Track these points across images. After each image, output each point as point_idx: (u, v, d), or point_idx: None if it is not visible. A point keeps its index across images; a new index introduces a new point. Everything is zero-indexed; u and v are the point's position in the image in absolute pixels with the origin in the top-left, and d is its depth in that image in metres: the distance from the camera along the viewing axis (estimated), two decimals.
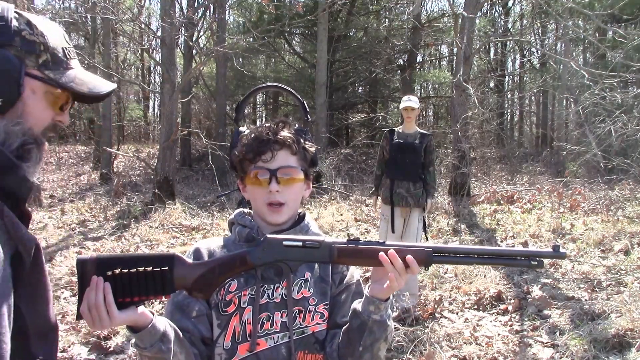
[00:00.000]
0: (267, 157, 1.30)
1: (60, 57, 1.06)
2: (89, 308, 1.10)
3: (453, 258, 1.22)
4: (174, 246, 6.77)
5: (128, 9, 11.58)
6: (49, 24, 1.08)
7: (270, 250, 1.20)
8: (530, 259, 1.20)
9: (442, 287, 5.08)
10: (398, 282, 1.18)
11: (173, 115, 9.98)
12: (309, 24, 14.28)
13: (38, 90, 1.03)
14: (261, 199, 1.32)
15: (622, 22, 11.94)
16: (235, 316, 1.29)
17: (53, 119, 1.08)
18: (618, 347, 3.54)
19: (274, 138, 1.31)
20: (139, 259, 1.13)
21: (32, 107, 1.03)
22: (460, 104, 10.35)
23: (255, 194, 1.33)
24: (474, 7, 10.34)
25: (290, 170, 1.31)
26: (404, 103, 4.68)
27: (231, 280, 1.29)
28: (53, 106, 1.07)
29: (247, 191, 1.37)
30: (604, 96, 6.71)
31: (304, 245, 1.20)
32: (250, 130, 1.37)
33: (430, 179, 4.62)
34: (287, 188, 1.31)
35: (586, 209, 8.40)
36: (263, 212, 1.33)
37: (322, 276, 1.37)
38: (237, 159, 1.36)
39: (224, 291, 1.30)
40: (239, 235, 1.35)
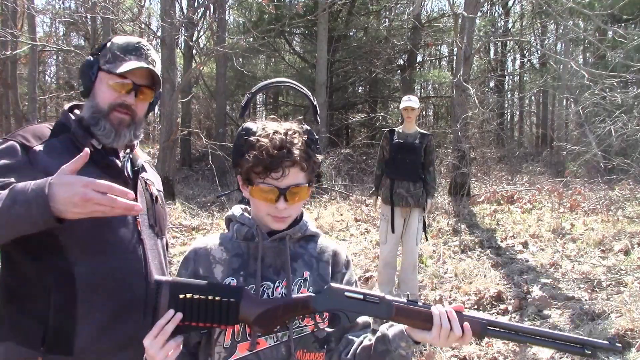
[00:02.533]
0: (278, 175, 1.24)
1: (118, 54, 1.50)
2: (157, 334, 1.18)
3: (506, 334, 1.24)
4: (174, 246, 6.77)
5: (128, 9, 11.58)
6: (127, 38, 1.56)
7: (331, 299, 1.24)
8: (584, 347, 1.20)
9: (442, 287, 5.08)
10: (441, 342, 1.21)
11: (173, 115, 9.98)
12: (309, 24, 14.28)
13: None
14: (265, 210, 1.30)
15: (622, 22, 11.94)
16: None
17: (120, 97, 1.50)
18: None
19: (287, 155, 1.24)
20: (210, 288, 1.22)
21: (98, 90, 1.52)
22: (460, 104, 10.34)
23: (259, 204, 1.30)
24: (474, 7, 10.34)
25: (299, 189, 1.28)
26: (404, 103, 4.68)
27: (230, 279, 1.29)
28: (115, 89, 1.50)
29: (249, 195, 1.34)
30: (604, 96, 6.71)
31: (365, 298, 1.23)
32: (261, 135, 1.28)
33: (430, 179, 4.62)
34: (294, 205, 1.29)
35: (586, 209, 8.39)
36: (265, 220, 1.31)
37: (322, 275, 1.37)
38: (244, 166, 1.28)
39: None
40: (237, 232, 1.34)
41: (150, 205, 1.62)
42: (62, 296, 1.40)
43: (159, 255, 1.63)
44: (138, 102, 1.53)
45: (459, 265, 5.67)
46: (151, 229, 1.60)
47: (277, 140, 1.25)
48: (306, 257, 1.37)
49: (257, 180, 1.27)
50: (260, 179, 1.26)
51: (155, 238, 1.61)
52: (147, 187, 1.64)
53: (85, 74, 1.52)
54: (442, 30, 16.96)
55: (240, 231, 1.34)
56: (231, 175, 11.92)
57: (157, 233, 1.63)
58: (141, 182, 1.61)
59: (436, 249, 6.46)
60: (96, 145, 1.49)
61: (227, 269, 1.31)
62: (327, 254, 1.40)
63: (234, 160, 1.33)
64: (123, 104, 1.51)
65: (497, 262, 5.90)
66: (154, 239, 1.61)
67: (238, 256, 1.33)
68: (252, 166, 1.26)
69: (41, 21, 20.27)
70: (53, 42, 15.56)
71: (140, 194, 1.58)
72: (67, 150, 1.45)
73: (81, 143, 1.46)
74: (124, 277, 1.47)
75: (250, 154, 1.25)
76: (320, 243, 1.42)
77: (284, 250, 1.32)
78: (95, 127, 1.49)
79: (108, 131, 1.49)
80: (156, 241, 1.62)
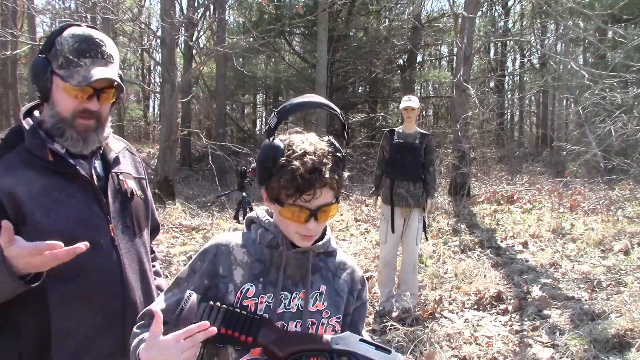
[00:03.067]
0: (309, 197, 1.22)
1: (71, 58, 1.39)
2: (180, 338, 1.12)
3: None
4: (174, 246, 6.77)
5: (128, 9, 11.58)
6: (77, 32, 1.43)
7: (347, 342, 1.27)
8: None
9: (442, 287, 5.07)
10: None
11: (173, 115, 9.98)
12: (309, 24, 14.28)
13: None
14: (294, 229, 1.27)
15: (622, 22, 11.95)
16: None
17: (81, 104, 1.41)
18: (618, 347, 3.54)
19: (319, 177, 1.22)
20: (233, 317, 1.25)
21: (57, 97, 1.42)
22: (460, 104, 10.34)
23: (288, 223, 1.27)
24: (474, 7, 10.34)
25: (329, 208, 1.26)
26: (404, 103, 4.68)
27: (249, 286, 1.27)
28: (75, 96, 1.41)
29: (277, 214, 1.29)
30: (604, 96, 6.71)
31: (377, 347, 1.28)
32: (291, 156, 1.23)
33: (430, 179, 4.62)
34: (322, 223, 1.28)
35: (586, 209, 8.39)
36: (292, 238, 1.29)
37: (337, 290, 1.37)
38: (273, 187, 1.24)
39: (240, 295, 1.27)
40: (261, 237, 1.31)
41: (125, 205, 1.53)
42: (37, 316, 1.36)
43: (138, 257, 1.56)
44: (101, 104, 1.45)
45: (459, 265, 5.67)
46: (127, 230, 1.52)
47: (309, 163, 1.21)
48: (324, 271, 1.37)
49: (288, 201, 1.24)
50: (291, 201, 1.23)
51: (132, 239, 1.54)
52: (121, 184, 1.54)
53: (39, 78, 1.41)
54: (442, 30, 16.97)
55: (264, 237, 1.31)
56: (231, 175, 11.91)
57: (135, 232, 1.55)
58: (113, 180, 1.52)
59: (436, 249, 6.46)
60: (59, 150, 1.42)
61: (247, 273, 1.29)
62: (345, 271, 1.41)
63: (261, 178, 1.28)
64: (87, 110, 1.42)
65: (497, 262, 5.90)
66: (131, 240, 1.53)
67: (260, 262, 1.30)
68: (283, 188, 1.22)
69: (41, 21, 20.26)
70: None
71: (112, 194, 1.50)
72: (25, 163, 1.38)
73: (37, 156, 1.39)
74: (100, 290, 1.42)
75: (282, 177, 1.22)
76: (339, 258, 1.42)
77: (306, 263, 1.32)
78: (61, 138, 1.42)
79: (75, 140, 1.42)
80: (134, 242, 1.54)
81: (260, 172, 1.28)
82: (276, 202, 1.26)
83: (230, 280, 1.27)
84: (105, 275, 1.44)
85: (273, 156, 1.25)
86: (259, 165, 1.29)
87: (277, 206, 1.27)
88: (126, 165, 1.61)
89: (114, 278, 1.45)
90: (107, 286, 1.44)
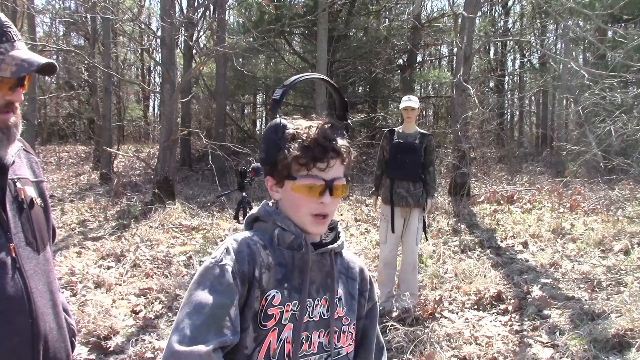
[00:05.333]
0: (323, 166, 1.17)
1: None
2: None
3: None
4: (174, 246, 6.77)
5: (128, 9, 11.59)
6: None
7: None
8: None
9: (442, 287, 5.07)
10: None
11: (173, 115, 9.98)
12: (309, 24, 14.27)
13: None
14: (307, 209, 1.19)
15: (622, 22, 11.94)
16: (273, 332, 1.16)
17: (3, 98, 1.20)
18: (618, 347, 3.54)
19: (332, 145, 1.18)
20: None
21: None
22: (460, 104, 10.35)
23: (301, 202, 1.19)
24: (474, 7, 10.34)
25: (341, 182, 1.21)
26: (404, 103, 4.68)
27: (275, 292, 1.16)
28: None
29: (286, 196, 1.22)
30: (604, 96, 6.71)
31: None
32: (302, 129, 1.20)
33: (430, 179, 4.62)
34: (335, 200, 1.22)
35: (586, 209, 8.39)
36: (304, 222, 1.21)
37: (352, 293, 1.30)
38: (284, 160, 1.18)
39: (265, 302, 1.15)
40: (279, 238, 1.20)
41: (26, 218, 1.29)
42: None
43: (46, 277, 1.32)
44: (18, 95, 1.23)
45: (459, 265, 5.66)
46: (30, 247, 1.28)
47: (321, 130, 1.20)
48: (338, 273, 1.29)
49: (301, 173, 1.17)
50: (304, 172, 1.17)
51: (36, 257, 1.29)
52: (19, 192, 1.28)
53: None
54: (442, 30, 16.96)
55: (283, 238, 1.20)
56: (231, 175, 11.91)
57: (38, 248, 1.31)
58: (10, 189, 1.26)
59: (436, 249, 6.46)
60: None
61: (272, 278, 1.17)
62: (355, 270, 1.34)
63: (267, 158, 1.21)
64: (10, 103, 1.22)
65: (497, 262, 5.90)
66: (35, 258, 1.29)
67: (282, 266, 1.18)
68: (297, 157, 1.17)
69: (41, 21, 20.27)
70: (53, 42, 15.56)
71: (11, 206, 1.25)
72: None
73: None
74: (5, 319, 1.19)
75: (295, 144, 1.17)
76: (346, 257, 1.34)
77: (326, 265, 1.24)
78: None
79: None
80: (38, 260, 1.30)
81: (267, 148, 1.21)
82: (287, 178, 1.19)
83: (259, 285, 1.15)
84: (11, 302, 1.20)
85: (283, 127, 1.20)
86: (265, 141, 1.22)
87: (287, 183, 1.19)
88: (22, 168, 1.35)
89: (19, 305, 1.21)
90: (11, 317, 1.20)
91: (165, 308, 4.59)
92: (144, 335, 4.03)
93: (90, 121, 19.95)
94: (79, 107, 22.46)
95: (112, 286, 5.06)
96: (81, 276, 5.39)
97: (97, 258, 6.14)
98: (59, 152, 18.09)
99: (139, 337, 3.97)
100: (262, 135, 1.24)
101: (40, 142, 19.66)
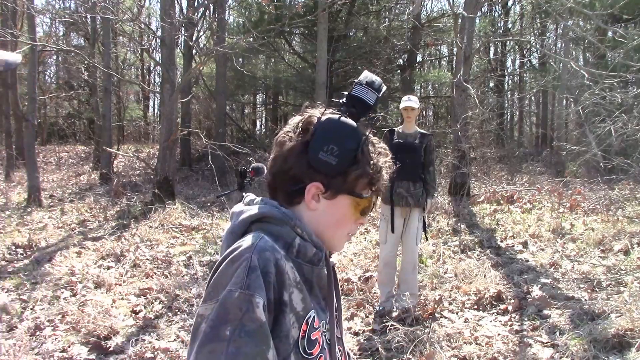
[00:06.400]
0: (378, 187, 1.09)
1: None
2: None
3: None
4: (174, 246, 6.77)
5: (128, 9, 11.58)
6: None
7: None
8: None
9: (442, 287, 5.07)
10: None
11: (173, 115, 9.98)
12: (309, 24, 14.27)
13: None
14: (347, 228, 1.09)
15: (622, 22, 11.94)
16: (320, 359, 1.02)
17: None
18: (618, 347, 3.54)
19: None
20: None
21: None
22: (460, 104, 10.35)
23: (346, 220, 1.07)
24: (474, 7, 10.34)
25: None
26: (404, 103, 4.68)
27: (313, 313, 1.01)
28: None
29: (331, 210, 1.05)
30: (604, 96, 6.70)
31: None
32: (378, 148, 1.09)
33: (430, 179, 4.62)
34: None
35: (586, 209, 8.39)
36: (339, 240, 1.11)
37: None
38: (362, 176, 1.04)
39: (307, 326, 0.99)
40: (301, 252, 1.01)
41: None
42: None
43: None
44: None
45: (459, 265, 5.66)
46: None
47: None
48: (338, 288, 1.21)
49: (365, 192, 1.06)
50: (367, 192, 1.07)
51: None
52: None
53: None
54: (442, 30, 16.97)
55: (305, 250, 1.02)
56: (231, 175, 11.91)
57: None
58: None
59: (436, 249, 6.46)
60: None
61: (304, 296, 1.00)
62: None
63: (339, 166, 1.01)
64: None
65: (497, 262, 5.90)
66: None
67: (307, 283, 1.02)
68: (370, 176, 1.05)
69: (41, 21, 20.30)
70: (53, 42, 15.57)
71: None
72: None
73: None
74: None
75: (372, 164, 1.05)
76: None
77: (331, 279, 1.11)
78: None
79: None
80: None
81: (342, 155, 1.01)
82: (347, 193, 1.05)
83: (291, 309, 0.96)
84: None
85: (362, 137, 1.03)
86: (341, 147, 1.01)
87: (343, 198, 1.05)
88: None
89: None
90: None
91: (165, 308, 4.59)
92: (144, 335, 4.03)
93: (90, 121, 19.95)
94: (79, 107, 22.48)
95: (112, 286, 5.07)
96: (81, 276, 5.39)
97: (97, 258, 6.14)
98: (59, 152, 18.10)
99: (139, 337, 3.97)
100: (330, 136, 1.01)
101: (40, 142, 19.67)
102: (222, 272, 0.94)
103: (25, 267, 5.81)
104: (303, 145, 1.02)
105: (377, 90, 1.08)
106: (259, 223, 1.04)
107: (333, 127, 1.02)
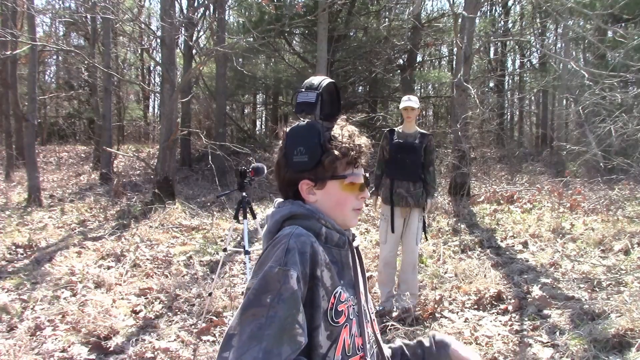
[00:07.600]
0: (359, 164, 1.28)
1: None
2: None
3: None
4: (174, 246, 6.77)
5: (128, 9, 11.58)
6: None
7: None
8: None
9: (442, 287, 5.07)
10: None
11: (173, 115, 9.98)
12: (309, 24, 14.27)
13: None
14: (350, 204, 1.28)
15: (622, 22, 11.94)
16: (345, 328, 1.21)
17: None
18: (618, 347, 3.54)
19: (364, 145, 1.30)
20: None
21: None
22: (460, 104, 10.34)
23: (346, 199, 1.27)
24: (474, 7, 10.33)
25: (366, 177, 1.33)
26: (404, 103, 4.68)
27: (340, 289, 1.21)
28: None
29: (328, 196, 1.26)
30: (604, 96, 6.71)
31: None
32: (338, 131, 1.27)
33: (430, 179, 4.61)
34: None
35: (586, 209, 8.39)
36: (349, 217, 1.29)
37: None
38: (334, 161, 1.23)
39: (334, 300, 1.19)
40: (329, 238, 1.24)
41: None
42: None
43: None
44: None
45: (459, 265, 5.67)
46: None
47: (354, 130, 1.30)
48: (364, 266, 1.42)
49: (348, 171, 1.26)
50: (350, 170, 1.26)
51: None
52: None
53: None
54: (442, 30, 16.96)
55: (331, 236, 1.24)
56: (231, 175, 11.91)
57: None
58: None
59: (436, 248, 6.46)
60: None
61: (333, 275, 1.21)
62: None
63: (311, 161, 1.23)
64: None
65: (497, 262, 5.90)
66: None
67: (335, 263, 1.23)
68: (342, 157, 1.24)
69: (41, 21, 20.29)
70: (53, 42, 15.56)
71: None
72: None
73: None
74: None
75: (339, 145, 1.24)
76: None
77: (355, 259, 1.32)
78: None
79: None
80: None
81: (311, 151, 1.22)
82: (332, 179, 1.25)
83: (322, 284, 1.17)
84: None
85: (320, 130, 1.25)
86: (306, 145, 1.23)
87: (332, 183, 1.25)
88: None
89: None
90: None
91: (165, 308, 4.60)
92: (144, 335, 4.03)
93: (90, 121, 19.96)
94: (79, 107, 22.47)
95: (112, 286, 5.07)
96: (81, 276, 5.39)
97: (97, 258, 6.14)
98: (59, 152, 18.10)
99: (139, 337, 3.97)
100: (296, 140, 1.25)
101: (40, 142, 19.67)
102: (266, 254, 1.16)
103: (25, 267, 5.82)
104: (283, 156, 1.27)
105: (316, 88, 1.35)
106: (290, 220, 1.24)
107: (295, 133, 1.25)
